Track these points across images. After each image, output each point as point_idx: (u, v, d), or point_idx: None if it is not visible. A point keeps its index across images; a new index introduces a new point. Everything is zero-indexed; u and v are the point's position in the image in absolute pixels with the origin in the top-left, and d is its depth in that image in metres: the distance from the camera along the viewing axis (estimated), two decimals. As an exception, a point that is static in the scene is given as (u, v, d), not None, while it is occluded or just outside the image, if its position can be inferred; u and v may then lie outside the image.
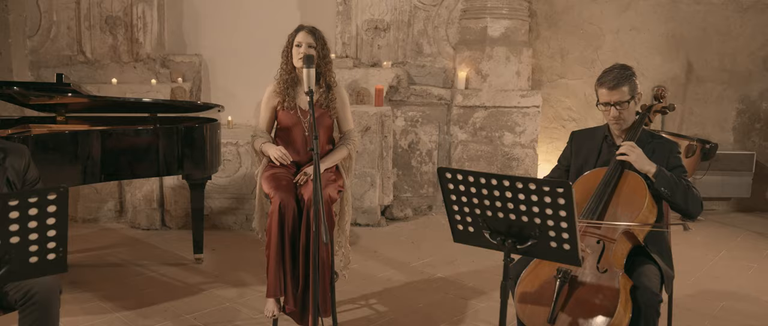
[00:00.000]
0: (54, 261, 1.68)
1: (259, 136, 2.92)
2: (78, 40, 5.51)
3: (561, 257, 1.96)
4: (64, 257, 1.70)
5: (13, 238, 1.57)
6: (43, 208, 1.57)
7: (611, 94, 2.44)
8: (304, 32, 2.85)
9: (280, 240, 2.61)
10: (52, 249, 1.66)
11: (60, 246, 1.67)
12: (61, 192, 1.57)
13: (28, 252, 1.62)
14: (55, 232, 1.63)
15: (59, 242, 1.66)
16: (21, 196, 1.52)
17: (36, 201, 1.55)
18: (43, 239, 1.62)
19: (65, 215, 1.62)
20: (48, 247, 1.65)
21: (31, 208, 1.55)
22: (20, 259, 1.62)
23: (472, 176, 1.99)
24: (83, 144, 3.14)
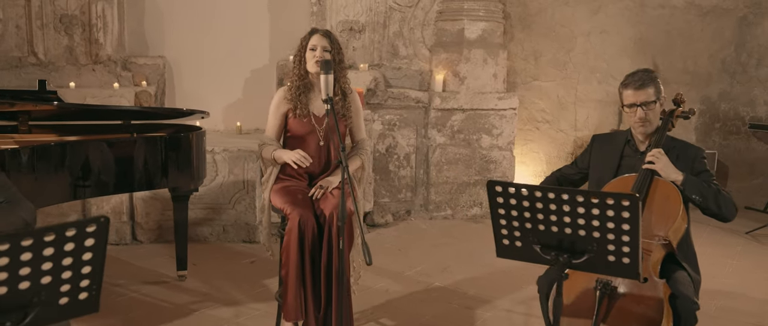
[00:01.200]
0: (86, 300, 1.47)
1: (268, 144, 2.72)
2: (29, 40, 5.09)
3: (618, 271, 1.90)
4: (98, 295, 1.49)
5: (44, 278, 1.35)
6: (81, 242, 1.36)
7: (637, 94, 2.41)
8: (319, 35, 2.68)
9: (300, 260, 2.44)
10: (85, 288, 1.45)
11: (93, 283, 1.45)
12: (101, 222, 1.37)
13: (59, 292, 1.40)
14: (89, 269, 1.42)
15: (93, 279, 1.45)
16: (58, 230, 1.31)
17: (73, 234, 1.33)
18: (77, 276, 1.41)
19: (103, 248, 1.41)
20: (81, 285, 1.43)
21: (67, 243, 1.34)
22: (50, 301, 1.40)
23: (526, 189, 1.89)
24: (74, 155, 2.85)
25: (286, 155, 2.64)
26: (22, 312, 1.36)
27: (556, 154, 5.96)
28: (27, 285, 1.33)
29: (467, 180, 5.44)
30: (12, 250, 1.26)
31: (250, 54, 5.62)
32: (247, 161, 4.52)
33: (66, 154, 2.84)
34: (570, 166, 2.76)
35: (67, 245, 1.34)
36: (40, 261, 1.32)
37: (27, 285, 1.33)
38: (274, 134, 2.76)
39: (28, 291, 1.35)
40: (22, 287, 1.33)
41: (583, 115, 5.96)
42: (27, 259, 1.29)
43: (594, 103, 5.95)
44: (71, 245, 1.35)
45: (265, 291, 3.59)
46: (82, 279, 1.43)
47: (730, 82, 6.14)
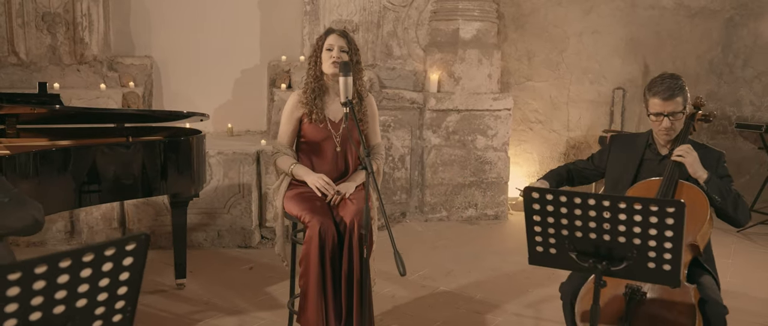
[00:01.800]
0: (119, 323, 1.37)
1: (283, 153, 2.62)
2: (9, 39, 4.89)
3: (658, 278, 1.86)
4: (132, 318, 1.39)
5: (80, 301, 1.25)
6: (119, 261, 1.26)
7: (665, 104, 2.37)
8: (336, 35, 2.59)
9: (321, 269, 2.35)
10: (120, 310, 1.34)
11: (129, 304, 1.35)
12: (141, 240, 1.27)
13: (93, 315, 1.30)
14: (126, 289, 1.32)
15: (129, 300, 1.34)
16: (97, 250, 1.21)
17: (112, 253, 1.23)
18: (113, 298, 1.31)
19: (141, 267, 1.31)
20: (116, 307, 1.33)
21: (106, 263, 1.24)
22: (83, 324, 1.29)
23: (565, 196, 1.84)
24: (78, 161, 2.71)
25: (309, 177, 2.54)
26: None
27: (549, 154, 5.95)
28: (61, 310, 1.23)
29: (462, 181, 5.40)
30: (49, 272, 1.15)
31: (241, 54, 5.50)
32: (243, 164, 4.40)
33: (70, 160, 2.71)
34: (585, 162, 2.73)
35: (105, 265, 1.24)
36: (76, 283, 1.22)
37: (61, 310, 1.23)
38: (287, 140, 2.66)
39: (61, 316, 1.24)
40: (57, 311, 1.22)
41: (575, 115, 5.97)
42: (64, 282, 1.19)
43: (586, 104, 5.97)
44: (109, 265, 1.25)
45: (268, 299, 3.49)
46: (118, 301, 1.33)
47: (718, 83, 6.21)
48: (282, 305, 3.38)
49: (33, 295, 1.16)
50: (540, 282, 3.85)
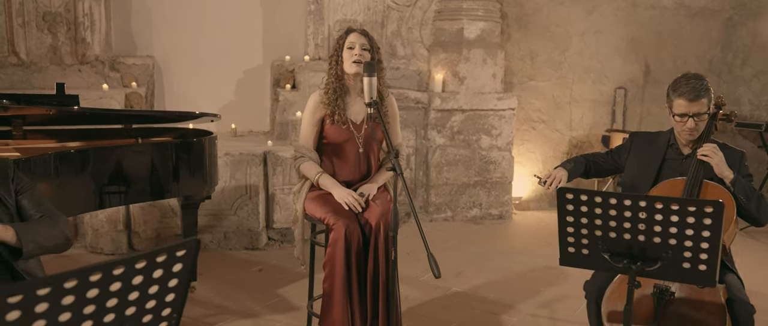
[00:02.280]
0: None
1: (308, 157, 2.58)
2: (9, 39, 4.82)
3: (693, 278, 1.86)
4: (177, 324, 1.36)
5: (129, 309, 1.22)
6: (170, 268, 1.23)
7: (691, 105, 2.36)
8: (357, 33, 2.56)
9: (347, 272, 2.33)
10: (166, 317, 1.31)
11: (175, 312, 1.32)
12: (191, 246, 1.24)
13: (140, 323, 1.27)
14: (173, 296, 1.29)
15: (175, 308, 1.32)
16: (149, 257, 1.18)
17: (163, 260, 1.20)
18: (161, 305, 1.28)
19: (188, 274, 1.28)
20: (162, 315, 1.30)
21: (156, 270, 1.21)
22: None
23: (600, 197, 1.83)
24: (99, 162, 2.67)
25: (336, 191, 2.50)
26: (103, 347, 1.23)
27: (552, 153, 5.96)
28: (111, 318, 1.20)
29: (467, 181, 5.39)
30: (103, 280, 1.12)
31: (243, 54, 5.46)
32: (250, 165, 4.36)
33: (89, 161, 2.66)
34: (603, 155, 2.72)
35: (156, 272, 1.21)
36: (128, 291, 1.19)
37: (111, 318, 1.20)
38: (310, 143, 2.62)
39: (111, 324, 1.21)
40: (107, 320, 1.19)
41: (578, 114, 5.98)
42: (115, 289, 1.16)
43: (589, 103, 5.98)
44: (160, 272, 1.22)
45: (281, 302, 3.46)
46: (165, 308, 1.30)
47: (717, 82, 6.24)
48: (296, 307, 3.36)
49: (86, 304, 1.13)
50: (551, 281, 3.85)
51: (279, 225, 4.50)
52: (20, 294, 1.01)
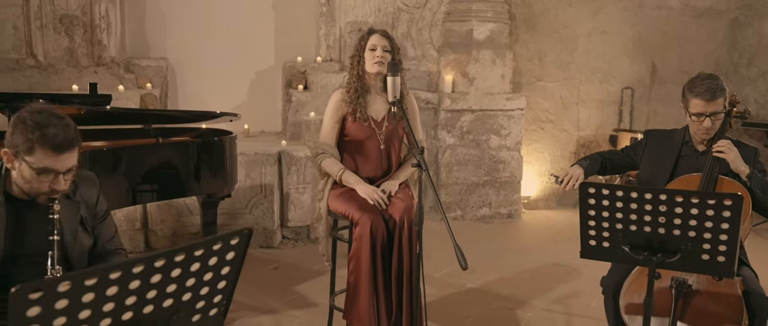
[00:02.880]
0: (214, 317, 1.41)
1: (329, 154, 2.65)
2: (27, 41, 4.89)
3: (711, 269, 1.92)
4: (226, 311, 1.43)
5: (186, 295, 1.29)
6: (223, 256, 1.30)
7: (708, 105, 2.43)
8: (378, 35, 2.63)
9: (372, 266, 2.39)
10: (217, 303, 1.38)
11: (225, 298, 1.40)
12: (244, 235, 1.31)
13: (194, 309, 1.34)
14: (224, 283, 1.36)
15: (225, 294, 1.38)
16: (206, 245, 1.24)
17: (219, 248, 1.27)
18: (213, 292, 1.35)
19: (240, 262, 1.35)
20: (214, 301, 1.37)
21: (212, 257, 1.28)
22: (186, 318, 1.33)
23: (621, 191, 1.90)
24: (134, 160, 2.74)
25: (360, 187, 2.56)
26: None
27: (560, 153, 6.02)
28: (170, 303, 1.27)
29: (476, 180, 5.46)
30: (165, 267, 1.19)
31: (255, 55, 5.52)
32: (265, 165, 4.43)
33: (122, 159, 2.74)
34: (618, 153, 2.78)
35: (211, 259, 1.28)
36: (186, 277, 1.26)
37: (170, 303, 1.27)
38: (331, 140, 2.69)
39: (169, 309, 1.28)
40: (166, 304, 1.26)
41: (585, 114, 6.04)
42: (176, 275, 1.23)
43: (596, 103, 6.04)
44: (215, 259, 1.29)
45: (299, 298, 3.53)
46: (216, 295, 1.37)
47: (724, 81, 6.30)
48: (314, 304, 3.43)
49: (149, 289, 1.20)
50: (563, 278, 3.91)
51: (293, 223, 4.57)
52: (94, 277, 1.08)
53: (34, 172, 1.68)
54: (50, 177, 1.70)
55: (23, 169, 1.70)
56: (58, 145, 1.67)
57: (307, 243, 4.60)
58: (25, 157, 1.68)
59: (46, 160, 1.67)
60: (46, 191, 1.71)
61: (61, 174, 1.70)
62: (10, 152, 1.70)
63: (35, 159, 1.67)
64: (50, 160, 1.67)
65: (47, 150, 1.66)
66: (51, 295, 1.05)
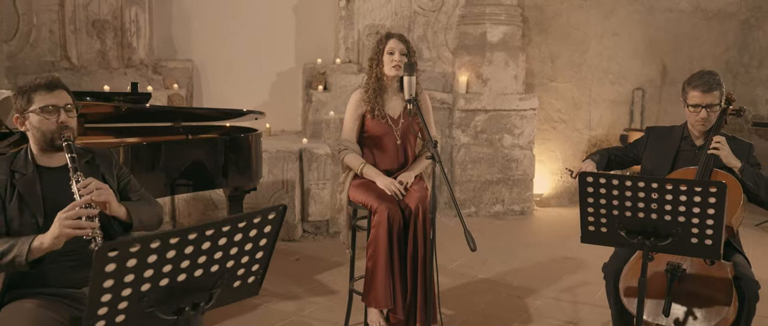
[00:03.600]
0: (251, 284, 1.61)
1: (351, 150, 2.86)
2: (62, 44, 5.17)
3: (700, 252, 2.09)
4: (262, 280, 1.63)
5: (229, 262, 1.49)
6: (262, 229, 1.50)
7: (704, 97, 2.59)
8: (396, 39, 2.83)
9: (389, 250, 2.59)
10: (254, 272, 1.59)
11: (261, 268, 1.60)
12: (279, 210, 1.51)
13: (235, 275, 1.54)
14: (261, 254, 1.56)
15: (262, 264, 1.59)
16: (248, 218, 1.45)
17: (258, 221, 1.48)
18: (252, 261, 1.55)
19: (276, 235, 1.55)
20: (252, 269, 1.58)
21: (252, 229, 1.48)
22: (228, 284, 1.54)
23: (617, 179, 2.07)
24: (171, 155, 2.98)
25: (379, 179, 2.76)
26: (208, 294, 1.50)
27: (572, 152, 6.17)
28: (216, 269, 1.47)
29: (490, 178, 5.63)
30: (214, 235, 1.40)
31: (276, 57, 5.76)
32: (287, 162, 4.65)
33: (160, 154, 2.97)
34: (623, 148, 2.94)
35: (252, 231, 1.48)
36: (230, 246, 1.46)
37: (216, 269, 1.47)
38: (352, 136, 2.89)
39: (215, 274, 1.49)
40: (213, 270, 1.47)
41: (596, 114, 6.19)
42: (222, 243, 1.43)
43: (607, 103, 6.18)
44: (254, 231, 1.49)
45: (320, 286, 3.73)
46: (254, 264, 1.57)
47: (734, 82, 6.42)
48: (334, 291, 3.63)
49: (200, 254, 1.40)
50: (572, 270, 4.08)
51: (313, 218, 4.78)
52: (158, 241, 1.29)
53: (40, 115, 1.94)
54: (54, 115, 1.95)
55: (32, 120, 1.96)
56: (48, 85, 1.97)
57: (327, 237, 4.81)
58: (29, 110, 1.96)
59: (44, 100, 1.95)
60: (56, 128, 1.95)
61: (61, 108, 1.96)
62: (19, 116, 1.99)
63: (36, 103, 1.95)
64: (47, 98, 1.95)
65: (41, 92, 1.96)
66: (124, 254, 1.26)
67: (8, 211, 1.93)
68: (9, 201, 1.94)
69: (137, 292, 1.35)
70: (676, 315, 2.36)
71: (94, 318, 1.31)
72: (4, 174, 1.97)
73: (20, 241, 1.81)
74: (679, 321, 2.34)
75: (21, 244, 1.80)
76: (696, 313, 2.33)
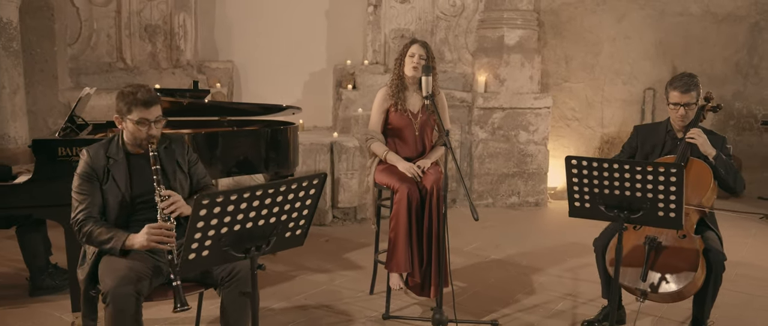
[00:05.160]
0: (298, 236, 2.08)
1: (376, 139, 3.33)
2: (118, 47, 5.74)
3: (666, 223, 2.50)
4: (306, 234, 2.10)
5: (283, 216, 1.97)
6: (308, 191, 1.98)
7: (682, 96, 2.99)
8: (418, 45, 3.29)
9: (408, 223, 3.06)
10: (301, 226, 2.06)
11: (306, 223, 2.07)
12: (321, 177, 1.98)
13: (287, 227, 2.02)
14: (306, 212, 2.03)
15: (307, 220, 2.06)
16: (299, 181, 1.93)
17: (306, 184, 1.95)
18: (300, 216, 2.02)
19: (318, 197, 2.02)
20: (300, 224, 2.05)
21: (301, 191, 1.96)
22: (282, 233, 2.02)
23: (596, 162, 2.50)
24: (226, 143, 3.51)
25: (400, 164, 3.21)
26: (266, 240, 1.99)
27: (585, 149, 6.55)
28: (274, 220, 1.95)
29: (506, 172, 6.05)
30: (274, 193, 1.88)
31: (309, 59, 6.26)
32: (319, 154, 5.14)
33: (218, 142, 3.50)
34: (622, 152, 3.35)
35: (300, 192, 1.96)
36: (284, 203, 1.93)
37: (274, 220, 1.95)
38: (378, 127, 3.36)
39: (272, 225, 1.96)
40: (271, 221, 1.95)
41: (609, 113, 6.55)
42: (279, 200, 1.91)
43: (619, 103, 6.54)
44: (302, 193, 1.96)
45: (348, 262, 4.21)
46: (301, 219, 2.04)
47: (743, 83, 6.71)
48: (361, 267, 4.10)
49: (262, 208, 1.88)
50: (577, 253, 4.47)
51: (343, 205, 5.26)
52: (235, 194, 1.78)
53: (134, 124, 2.41)
54: (145, 125, 2.41)
55: (128, 125, 2.44)
56: (146, 102, 2.40)
57: (355, 222, 5.29)
58: (127, 116, 2.42)
59: (140, 114, 2.39)
60: (145, 136, 2.43)
61: (152, 122, 2.43)
62: (118, 116, 2.46)
63: (133, 115, 2.40)
64: (143, 113, 2.40)
65: (140, 107, 2.39)
66: (212, 203, 1.74)
67: (104, 190, 2.44)
68: (105, 183, 2.44)
69: (218, 234, 1.84)
70: (651, 281, 2.77)
71: (188, 250, 1.80)
72: (102, 160, 2.46)
73: (117, 237, 2.31)
74: (653, 285, 2.75)
75: (116, 240, 2.30)
76: (668, 278, 2.74)
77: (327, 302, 3.47)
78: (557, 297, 3.61)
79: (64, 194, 2.67)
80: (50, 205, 2.93)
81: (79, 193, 2.40)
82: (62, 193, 2.79)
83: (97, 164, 2.43)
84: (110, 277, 2.20)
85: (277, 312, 3.32)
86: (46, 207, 2.96)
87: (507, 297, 3.59)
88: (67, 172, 2.67)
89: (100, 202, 2.42)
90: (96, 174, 2.42)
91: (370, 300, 3.50)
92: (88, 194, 2.39)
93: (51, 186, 2.94)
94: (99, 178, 2.43)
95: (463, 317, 3.19)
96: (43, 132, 5.35)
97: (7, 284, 3.68)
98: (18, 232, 3.47)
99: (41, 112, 5.40)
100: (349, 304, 3.43)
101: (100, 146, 2.50)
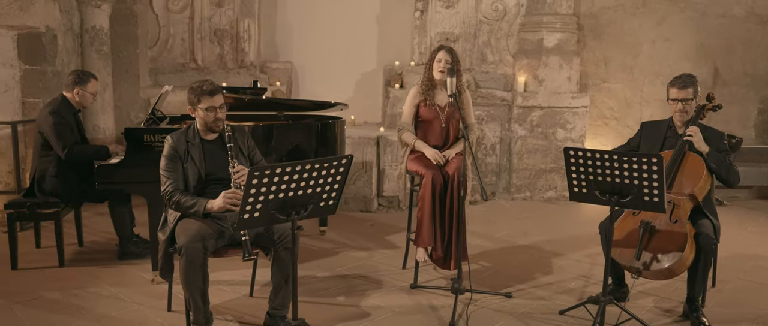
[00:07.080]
0: (331, 206, 2.59)
1: (407, 130, 3.81)
2: (191, 49, 6.45)
3: (651, 207, 2.85)
4: (337, 204, 2.60)
5: (318, 188, 2.48)
6: (337, 169, 2.48)
7: (680, 92, 3.32)
8: (444, 51, 3.75)
9: (433, 203, 3.53)
10: (333, 197, 2.56)
11: (338, 195, 2.57)
12: (349, 157, 2.49)
13: (322, 197, 2.53)
14: (337, 186, 2.54)
15: (338, 193, 2.56)
16: (331, 160, 2.44)
17: (337, 163, 2.46)
18: (332, 189, 2.53)
19: (346, 173, 2.52)
20: (332, 196, 2.56)
21: (333, 168, 2.46)
22: (317, 202, 2.53)
23: (591, 153, 2.89)
24: (281, 134, 4.10)
25: (427, 151, 3.68)
26: (305, 207, 2.50)
27: (623, 146, 6.78)
28: (311, 191, 2.47)
29: (544, 167, 6.38)
30: (311, 169, 2.39)
31: (361, 60, 6.80)
32: (366, 146, 5.66)
33: (273, 134, 4.09)
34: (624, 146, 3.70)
35: (332, 169, 2.46)
36: (318, 178, 2.44)
37: (311, 191, 2.47)
38: (409, 120, 3.84)
39: (310, 195, 2.48)
40: (309, 192, 2.46)
41: (648, 113, 6.76)
42: (315, 175, 2.42)
43: (658, 103, 6.74)
44: (334, 169, 2.47)
45: (388, 243, 4.70)
46: (333, 191, 2.55)
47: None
48: (398, 247, 4.58)
49: (302, 180, 2.40)
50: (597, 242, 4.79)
51: (387, 193, 5.77)
52: (280, 168, 2.30)
53: (204, 111, 2.95)
54: (212, 112, 2.96)
55: (198, 112, 2.99)
56: (211, 92, 2.95)
57: (398, 210, 5.77)
58: (198, 105, 2.97)
59: (207, 102, 2.94)
60: (213, 120, 2.97)
61: (217, 108, 2.97)
62: (191, 107, 3.01)
63: (202, 104, 2.95)
64: (209, 101, 2.94)
65: (206, 96, 2.94)
66: (263, 174, 2.27)
67: (185, 168, 3.02)
68: (185, 162, 3.02)
69: (267, 199, 2.37)
70: (644, 260, 3.12)
71: (244, 211, 2.34)
72: (183, 144, 3.04)
73: (199, 202, 2.86)
74: (646, 264, 3.11)
75: (199, 205, 2.86)
76: (659, 257, 3.09)
77: (364, 273, 3.98)
78: (571, 278, 3.98)
79: (148, 174, 3.29)
80: (139, 181, 3.58)
81: (167, 170, 2.99)
82: (147, 173, 3.44)
83: (180, 147, 3.01)
84: (184, 235, 2.78)
85: (320, 279, 3.85)
86: (135, 183, 3.61)
87: (525, 275, 4.00)
88: (152, 156, 3.30)
89: (182, 177, 3.01)
90: (179, 156, 3.00)
91: (401, 273, 3.98)
92: (173, 171, 2.98)
93: (138, 167, 3.59)
94: (181, 158, 3.01)
95: (481, 289, 3.62)
96: (127, 124, 6.12)
97: (100, 250, 4.38)
98: (110, 206, 4.15)
99: (125, 107, 6.17)
100: (383, 275, 3.93)
101: (181, 133, 3.09)
